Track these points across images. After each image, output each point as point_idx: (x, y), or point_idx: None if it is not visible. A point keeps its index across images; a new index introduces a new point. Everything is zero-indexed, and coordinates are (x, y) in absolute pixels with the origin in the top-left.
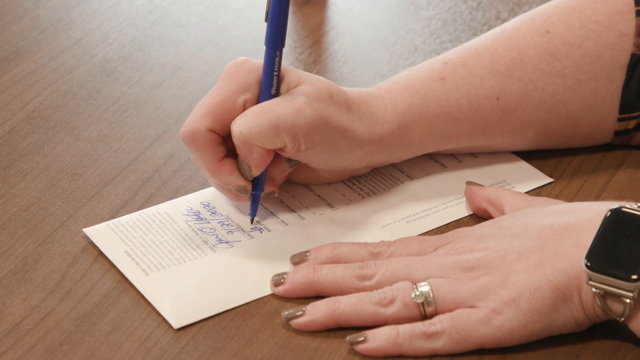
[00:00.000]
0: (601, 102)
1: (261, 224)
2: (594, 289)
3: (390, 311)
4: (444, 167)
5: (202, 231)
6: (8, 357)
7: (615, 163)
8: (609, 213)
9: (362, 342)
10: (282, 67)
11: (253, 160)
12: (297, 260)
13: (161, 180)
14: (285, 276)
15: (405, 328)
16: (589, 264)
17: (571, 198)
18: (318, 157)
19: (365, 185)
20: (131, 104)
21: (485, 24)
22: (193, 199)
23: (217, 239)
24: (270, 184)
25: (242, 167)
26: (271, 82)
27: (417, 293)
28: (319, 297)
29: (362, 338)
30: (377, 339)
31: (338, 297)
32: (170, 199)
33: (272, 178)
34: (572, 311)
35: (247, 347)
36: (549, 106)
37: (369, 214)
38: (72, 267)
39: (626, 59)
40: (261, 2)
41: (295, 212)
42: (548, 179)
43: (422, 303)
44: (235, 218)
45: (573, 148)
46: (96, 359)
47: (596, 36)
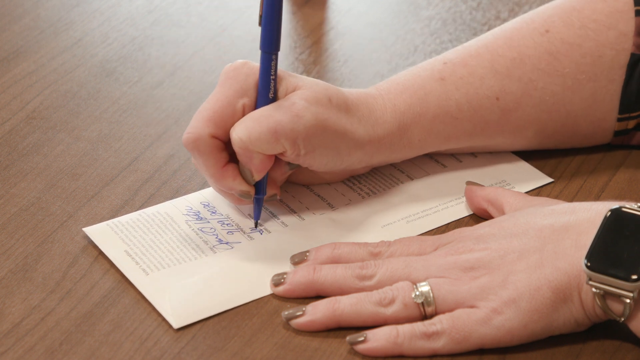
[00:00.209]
0: (601, 102)
1: (261, 225)
2: (594, 289)
3: (390, 311)
4: (444, 167)
5: (202, 231)
6: (8, 357)
7: (615, 163)
8: (609, 213)
9: (362, 342)
10: (280, 71)
11: (254, 166)
12: (297, 260)
13: (161, 180)
14: (285, 276)
15: (405, 328)
16: (589, 264)
17: (571, 198)
18: (318, 161)
19: (365, 185)
20: (131, 104)
21: (485, 24)
22: (193, 199)
23: (217, 239)
24: (271, 187)
25: (244, 172)
26: (268, 87)
27: (417, 293)
28: (319, 297)
29: (362, 338)
30: (377, 339)
31: (338, 297)
32: (170, 199)
33: (274, 180)
34: (572, 311)
35: (247, 347)
36: (549, 106)
37: (369, 214)
38: (72, 267)
39: (626, 59)
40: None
41: (295, 212)
42: (548, 179)
43: (422, 303)
44: (235, 218)
45: (573, 148)
46: (96, 359)
47: (596, 36)
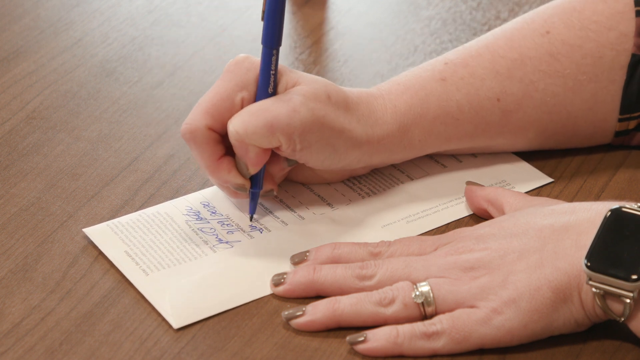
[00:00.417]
0: (602, 103)
1: (261, 224)
2: (594, 289)
3: (390, 311)
4: (444, 167)
5: (202, 231)
6: (8, 357)
7: (615, 163)
8: (609, 213)
9: (362, 342)
10: (281, 67)
11: (249, 159)
12: (297, 260)
13: (161, 180)
14: (285, 276)
15: (405, 328)
16: (589, 264)
17: (571, 198)
18: (315, 157)
19: (365, 185)
20: (131, 104)
21: (485, 24)
22: (193, 199)
23: (217, 239)
24: (269, 182)
25: (240, 165)
26: (268, 81)
27: (417, 293)
28: (319, 297)
29: (362, 338)
30: (377, 339)
31: (338, 297)
32: (170, 199)
33: (271, 176)
34: (572, 311)
35: (247, 347)
36: (550, 107)
37: (369, 214)
38: (72, 267)
39: (626, 60)
40: (261, 2)
41: (295, 212)
42: (548, 179)
43: (422, 303)
44: (235, 218)
45: (573, 148)
46: (96, 359)
47: (596, 37)
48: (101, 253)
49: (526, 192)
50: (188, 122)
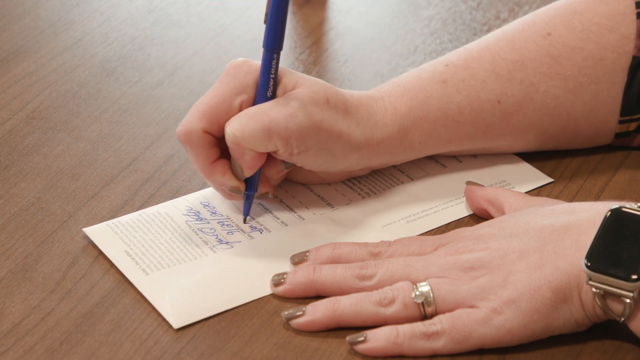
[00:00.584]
0: (602, 105)
1: (261, 224)
2: (594, 289)
3: (390, 311)
4: (444, 168)
5: (202, 231)
6: (8, 357)
7: (615, 163)
8: (609, 213)
9: (362, 342)
10: (280, 70)
11: (245, 162)
12: (297, 260)
13: (161, 180)
14: (285, 276)
15: (405, 328)
16: (589, 264)
17: (571, 198)
18: (312, 161)
19: (365, 185)
20: (131, 104)
21: (485, 24)
22: (193, 199)
23: (217, 239)
24: (265, 185)
25: (235, 168)
26: (267, 85)
27: (417, 293)
28: (319, 297)
29: (362, 338)
30: (377, 339)
31: (338, 297)
32: (170, 199)
33: (267, 178)
34: (572, 311)
35: (247, 347)
36: (550, 109)
37: (369, 214)
38: (72, 267)
39: (627, 62)
40: (261, 2)
41: (295, 212)
42: (548, 179)
43: (422, 303)
44: (235, 218)
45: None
46: (96, 359)
47: (597, 39)
48: (101, 253)
49: (526, 192)
50: (184, 125)
